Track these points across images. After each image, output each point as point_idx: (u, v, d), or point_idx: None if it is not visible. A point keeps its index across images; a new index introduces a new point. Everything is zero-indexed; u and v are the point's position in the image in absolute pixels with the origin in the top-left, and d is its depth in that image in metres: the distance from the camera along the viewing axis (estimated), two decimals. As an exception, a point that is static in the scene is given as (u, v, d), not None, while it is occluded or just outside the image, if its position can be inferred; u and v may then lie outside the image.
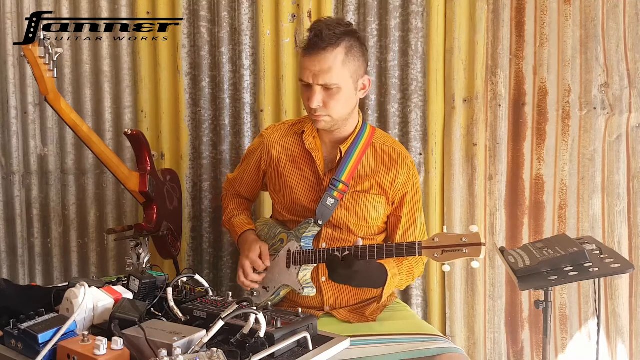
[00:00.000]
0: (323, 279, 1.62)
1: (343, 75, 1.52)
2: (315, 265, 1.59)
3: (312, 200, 1.64)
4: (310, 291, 1.57)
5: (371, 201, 1.63)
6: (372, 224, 1.65)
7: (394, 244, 1.44)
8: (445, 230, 1.37)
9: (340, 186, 1.61)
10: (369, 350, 1.43)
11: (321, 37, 1.49)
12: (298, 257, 1.58)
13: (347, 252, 1.44)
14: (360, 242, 1.47)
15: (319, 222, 1.60)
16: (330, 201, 1.60)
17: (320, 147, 1.67)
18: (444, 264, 1.36)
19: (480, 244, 1.29)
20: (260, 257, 1.64)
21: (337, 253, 1.47)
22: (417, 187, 1.69)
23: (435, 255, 1.35)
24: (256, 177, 1.80)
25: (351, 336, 1.35)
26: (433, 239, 1.36)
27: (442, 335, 1.56)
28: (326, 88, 1.52)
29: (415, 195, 1.67)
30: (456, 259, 1.33)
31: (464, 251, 1.31)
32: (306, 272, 1.59)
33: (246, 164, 1.82)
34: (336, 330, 1.37)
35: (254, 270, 1.64)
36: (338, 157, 1.64)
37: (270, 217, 1.85)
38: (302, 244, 1.60)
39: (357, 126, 1.66)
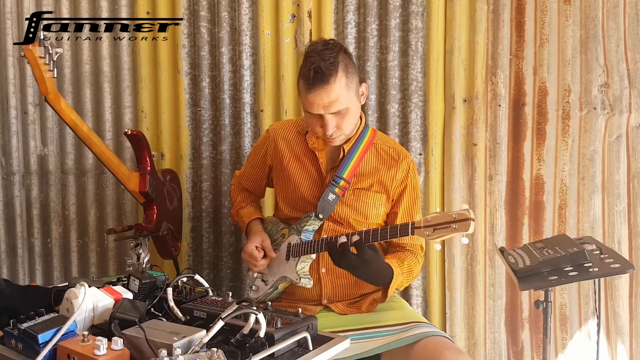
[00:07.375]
0: (323, 270, 1.65)
1: (349, 97, 1.55)
2: (314, 256, 1.62)
3: (315, 196, 1.68)
4: (306, 282, 1.60)
5: (372, 198, 1.67)
6: (371, 220, 1.68)
7: (388, 225, 1.47)
8: (437, 210, 1.38)
9: (342, 183, 1.64)
10: (354, 347, 1.43)
11: (321, 72, 1.48)
12: (297, 249, 1.62)
13: (357, 238, 1.44)
14: (356, 238, 1.47)
15: (320, 216, 1.64)
16: (331, 196, 1.64)
17: (323, 147, 1.70)
18: (435, 242, 1.37)
19: (468, 219, 1.29)
20: (262, 245, 1.67)
21: (344, 239, 1.46)
22: (416, 185, 1.72)
23: (427, 234, 1.36)
24: (262, 172, 1.84)
25: (340, 331, 1.39)
26: (426, 219, 1.37)
27: (426, 321, 1.58)
28: (337, 113, 1.54)
29: (412, 192, 1.70)
30: (446, 236, 1.33)
31: (454, 227, 1.31)
32: (304, 264, 1.62)
33: (252, 160, 1.86)
34: (324, 323, 1.37)
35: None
36: (341, 156, 1.67)
37: (273, 215, 1.87)
38: (302, 236, 1.63)
39: (359, 127, 1.69)
